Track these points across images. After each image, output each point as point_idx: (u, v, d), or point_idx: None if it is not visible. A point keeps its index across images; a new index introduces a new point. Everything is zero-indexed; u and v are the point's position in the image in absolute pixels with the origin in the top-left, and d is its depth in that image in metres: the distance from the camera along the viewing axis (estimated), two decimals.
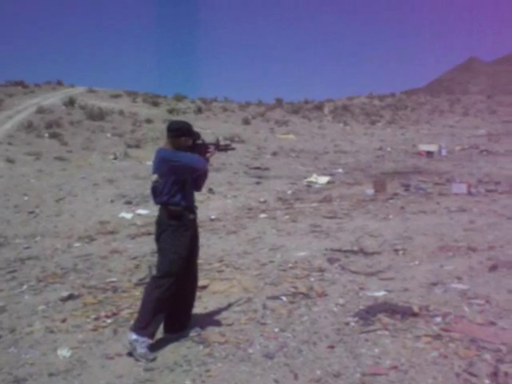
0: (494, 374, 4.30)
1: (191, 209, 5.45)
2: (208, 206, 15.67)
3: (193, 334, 5.56)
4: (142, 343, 5.05)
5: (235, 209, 15.24)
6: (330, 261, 8.70)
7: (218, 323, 5.96)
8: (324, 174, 22.30)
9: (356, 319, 5.80)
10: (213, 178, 19.96)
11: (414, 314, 5.86)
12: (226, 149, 6.19)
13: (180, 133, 5.32)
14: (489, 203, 15.10)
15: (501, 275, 7.56)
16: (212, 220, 13.54)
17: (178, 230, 5.27)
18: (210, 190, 17.68)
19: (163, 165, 5.24)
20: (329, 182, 20.59)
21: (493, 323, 5.59)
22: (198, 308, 6.43)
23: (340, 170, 24.51)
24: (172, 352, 5.20)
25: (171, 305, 5.33)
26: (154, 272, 5.52)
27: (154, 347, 5.26)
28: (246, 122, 42.27)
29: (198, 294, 6.98)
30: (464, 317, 5.82)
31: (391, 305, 6.24)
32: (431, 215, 13.26)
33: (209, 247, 10.21)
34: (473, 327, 5.45)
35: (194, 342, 5.42)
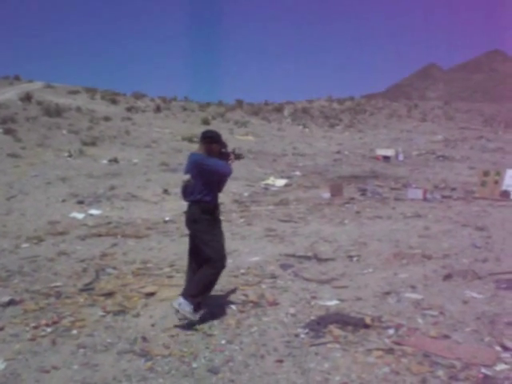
0: None
1: (218, 205, 6.32)
2: (162, 207, 15.40)
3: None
4: (188, 305, 5.81)
5: None
6: (283, 267, 8.52)
7: (162, 334, 5.68)
8: (282, 177, 22.20)
9: (306, 331, 5.60)
10: (168, 179, 19.66)
11: (366, 326, 5.70)
12: (239, 158, 6.62)
13: (213, 140, 6.15)
14: (444, 210, 15.17)
15: (455, 285, 7.48)
16: (166, 222, 13.25)
17: (211, 223, 6.12)
18: (166, 191, 17.36)
19: (195, 167, 6.03)
20: (286, 185, 20.50)
21: (447, 336, 5.46)
22: (143, 317, 6.18)
23: (298, 173, 24.42)
24: (112, 366, 4.89)
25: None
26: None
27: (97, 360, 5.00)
28: (206, 122, 41.90)
29: (144, 301, 6.78)
30: (417, 329, 5.68)
31: (343, 315, 6.08)
32: (387, 221, 13.24)
33: (160, 251, 9.95)
34: (426, 340, 5.31)
35: (136, 354, 5.12)
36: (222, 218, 6.64)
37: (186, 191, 6.20)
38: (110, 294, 7.16)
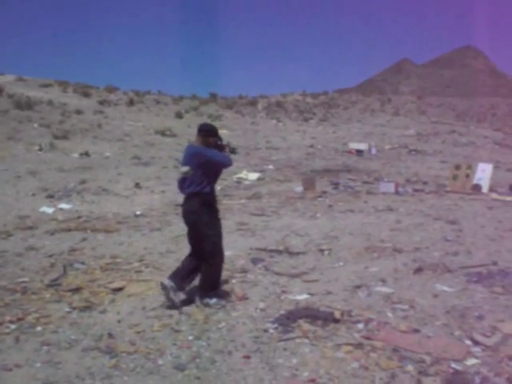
0: None
1: (215, 196, 6.57)
2: (134, 201, 15.22)
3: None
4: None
5: (162, 204, 14.81)
6: (254, 261, 8.45)
7: (128, 330, 5.55)
8: (255, 171, 22.07)
9: (275, 326, 5.52)
10: (140, 172, 19.47)
11: (336, 320, 5.64)
12: (233, 151, 6.77)
13: (210, 133, 6.39)
14: (416, 203, 15.22)
15: (426, 278, 7.47)
16: (137, 216, 13.07)
17: (211, 214, 6.34)
18: (137, 185, 17.17)
19: (194, 159, 6.20)
20: (259, 179, 20.38)
21: (416, 330, 5.42)
22: (111, 313, 6.05)
23: (271, 167, 24.32)
24: (75, 363, 4.75)
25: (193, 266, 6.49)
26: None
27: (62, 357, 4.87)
28: (179, 115, 41.59)
29: (111, 297, 6.65)
30: (387, 323, 5.64)
31: (313, 310, 6.02)
32: (358, 214, 13.23)
33: (130, 245, 9.80)
34: (396, 335, 5.27)
35: (101, 351, 4.99)
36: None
37: (184, 183, 6.34)
38: (76, 290, 7.01)
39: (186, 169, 6.25)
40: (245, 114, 50.10)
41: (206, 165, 6.18)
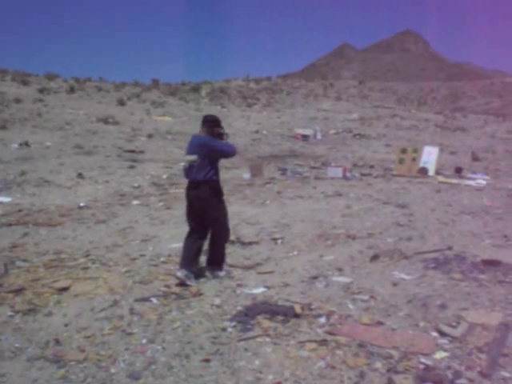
0: None
1: (220, 183, 6.98)
2: (77, 192, 14.65)
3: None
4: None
5: (106, 195, 14.32)
6: (206, 253, 8.13)
7: (77, 335, 5.13)
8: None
9: (234, 324, 5.22)
10: (83, 162, 18.86)
11: (297, 315, 5.40)
12: (227, 138, 7.13)
13: (214, 124, 6.87)
14: (364, 187, 15.20)
15: (383, 265, 7.33)
16: (80, 208, 12.56)
17: (218, 199, 6.88)
18: (80, 175, 16.58)
19: (201, 148, 6.64)
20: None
21: (380, 323, 5.24)
22: (57, 316, 5.61)
23: None
24: (20, 375, 4.32)
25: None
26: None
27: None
28: (121, 102, 40.62)
29: (56, 297, 6.23)
30: (349, 316, 5.44)
31: (271, 304, 5.77)
32: (308, 200, 13.09)
33: (75, 239, 9.35)
34: (359, 328, 5.06)
35: (48, 361, 4.56)
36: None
37: (191, 171, 6.73)
38: (19, 291, 6.49)
39: (193, 157, 6.66)
40: (188, 100, 49.42)
41: (213, 154, 6.71)
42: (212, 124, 6.88)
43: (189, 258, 6.79)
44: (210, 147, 6.68)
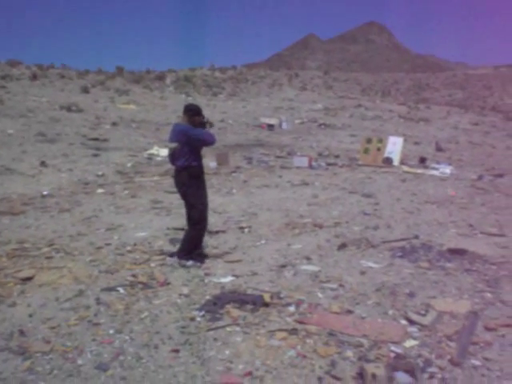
0: (360, 376, 3.87)
1: (202, 168, 7.20)
2: (40, 180, 14.36)
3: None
4: (186, 261, 6.92)
5: (70, 183, 14.07)
6: (173, 242, 8.06)
7: (42, 325, 4.97)
8: (166, 146, 21.42)
9: (202, 313, 5.15)
10: (46, 150, 18.53)
11: (266, 304, 5.36)
12: (211, 126, 7.44)
13: (195, 112, 7.07)
14: (330, 177, 15.27)
15: (350, 254, 7.36)
16: (44, 196, 12.30)
17: (198, 185, 7.11)
18: (43, 163, 16.27)
19: (182, 136, 6.89)
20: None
21: (349, 311, 5.24)
22: (21, 306, 5.43)
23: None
24: None
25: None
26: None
27: None
28: (85, 90, 40.04)
29: (20, 288, 6.07)
30: (319, 304, 5.43)
31: (240, 293, 5.72)
32: (274, 189, 13.08)
33: (38, 228, 9.13)
34: (329, 317, 5.04)
35: (12, 352, 4.40)
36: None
37: (174, 157, 7.03)
38: None
39: (174, 145, 6.96)
40: (153, 88, 48.98)
41: (192, 142, 6.90)
42: (192, 113, 7.06)
43: (184, 248, 7.10)
44: (189, 135, 6.87)
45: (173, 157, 7.10)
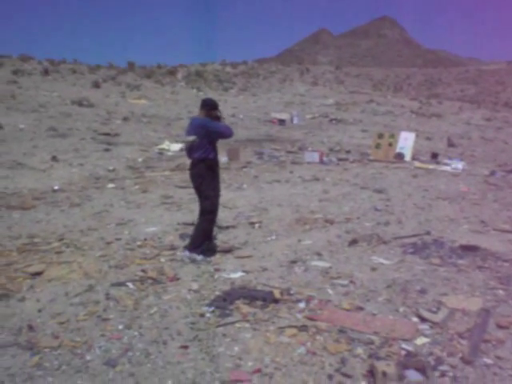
0: (371, 374, 3.83)
1: (218, 161, 7.42)
2: (51, 175, 14.38)
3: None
4: (197, 255, 6.96)
5: (81, 178, 14.10)
6: (183, 237, 8.04)
7: (51, 321, 4.96)
8: (177, 141, 21.48)
9: (212, 309, 5.12)
10: (57, 145, 18.57)
11: (276, 300, 5.33)
12: (224, 119, 7.80)
13: (212, 107, 7.27)
14: (341, 172, 15.18)
15: (361, 250, 7.30)
16: (55, 191, 12.32)
17: (214, 177, 7.27)
18: (54, 158, 16.30)
19: (201, 129, 7.07)
20: (181, 150, 19.79)
21: (360, 308, 5.19)
22: (30, 301, 5.44)
23: (193, 137, 23.76)
24: None
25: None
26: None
27: None
28: (96, 85, 40.13)
29: (29, 282, 6.07)
30: (329, 301, 5.38)
31: (250, 289, 5.68)
32: (285, 184, 13.03)
33: (48, 223, 9.15)
34: (340, 314, 5.00)
35: (21, 348, 4.40)
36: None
37: (191, 150, 7.21)
38: None
39: (192, 138, 7.13)
40: (164, 83, 49.06)
41: (210, 135, 7.09)
42: (210, 107, 7.25)
43: (196, 240, 7.14)
44: (208, 128, 7.05)
45: (190, 150, 7.26)
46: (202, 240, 7.16)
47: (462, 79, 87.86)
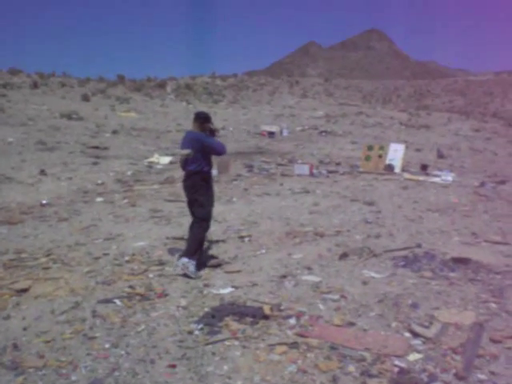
0: None
1: (211, 174, 7.66)
2: (39, 189, 14.28)
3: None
4: (192, 264, 6.93)
5: (70, 192, 13.99)
6: (172, 251, 7.96)
7: (36, 339, 4.86)
8: (166, 154, 21.40)
9: (201, 326, 5.03)
10: (45, 158, 18.45)
11: (266, 316, 5.25)
12: (218, 132, 7.84)
13: (206, 120, 7.41)
14: (331, 184, 15.13)
15: (352, 264, 7.22)
16: (42, 205, 12.21)
17: (208, 188, 7.48)
18: (42, 172, 16.18)
19: (196, 143, 7.20)
20: (171, 163, 19.73)
21: (351, 323, 5.11)
22: (15, 319, 5.34)
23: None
24: None
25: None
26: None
27: None
28: (86, 98, 40.02)
29: (15, 299, 5.96)
30: (320, 317, 5.30)
31: (239, 306, 5.60)
32: (275, 197, 12.96)
33: (36, 238, 9.06)
34: (331, 330, 4.92)
35: (5, 368, 4.29)
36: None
37: (186, 163, 7.31)
38: None
39: (187, 151, 7.22)
40: (154, 96, 48.98)
41: (205, 149, 7.24)
42: (203, 120, 7.39)
43: (191, 247, 7.13)
44: (203, 143, 7.22)
45: (185, 163, 7.35)
46: (197, 247, 7.17)
47: (451, 90, 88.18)
